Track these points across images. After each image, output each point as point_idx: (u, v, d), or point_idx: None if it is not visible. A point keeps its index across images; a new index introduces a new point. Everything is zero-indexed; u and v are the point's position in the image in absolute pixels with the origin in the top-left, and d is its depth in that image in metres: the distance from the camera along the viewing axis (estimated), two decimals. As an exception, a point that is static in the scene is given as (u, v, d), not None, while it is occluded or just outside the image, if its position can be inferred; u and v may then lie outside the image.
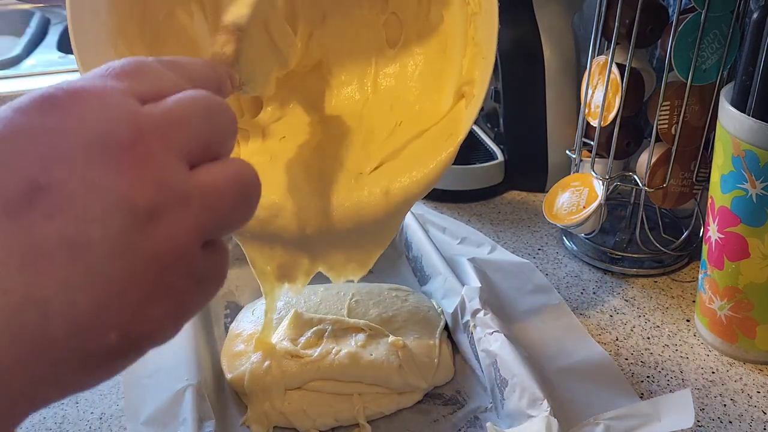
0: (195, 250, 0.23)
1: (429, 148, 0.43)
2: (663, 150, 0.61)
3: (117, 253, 0.21)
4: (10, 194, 0.20)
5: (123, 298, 0.21)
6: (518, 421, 0.44)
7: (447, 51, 0.47)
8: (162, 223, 0.22)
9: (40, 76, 1.20)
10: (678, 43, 0.55)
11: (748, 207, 0.49)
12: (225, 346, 0.53)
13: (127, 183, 0.21)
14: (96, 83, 0.23)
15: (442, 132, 0.44)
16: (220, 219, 0.24)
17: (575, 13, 0.73)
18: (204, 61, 0.29)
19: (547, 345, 0.53)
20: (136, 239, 0.21)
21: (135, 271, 0.21)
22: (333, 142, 0.46)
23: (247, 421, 0.48)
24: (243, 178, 0.25)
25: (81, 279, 0.20)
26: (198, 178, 0.24)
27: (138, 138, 0.22)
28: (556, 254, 0.68)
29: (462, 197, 0.76)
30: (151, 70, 0.25)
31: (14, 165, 0.21)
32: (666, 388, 0.52)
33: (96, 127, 0.22)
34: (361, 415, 0.48)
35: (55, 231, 0.20)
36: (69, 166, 0.21)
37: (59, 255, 0.20)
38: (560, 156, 0.73)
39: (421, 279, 0.62)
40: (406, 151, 0.44)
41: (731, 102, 0.49)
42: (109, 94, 0.23)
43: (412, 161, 0.43)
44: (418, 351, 0.51)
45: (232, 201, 0.24)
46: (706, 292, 0.55)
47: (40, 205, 0.20)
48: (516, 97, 0.74)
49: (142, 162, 0.22)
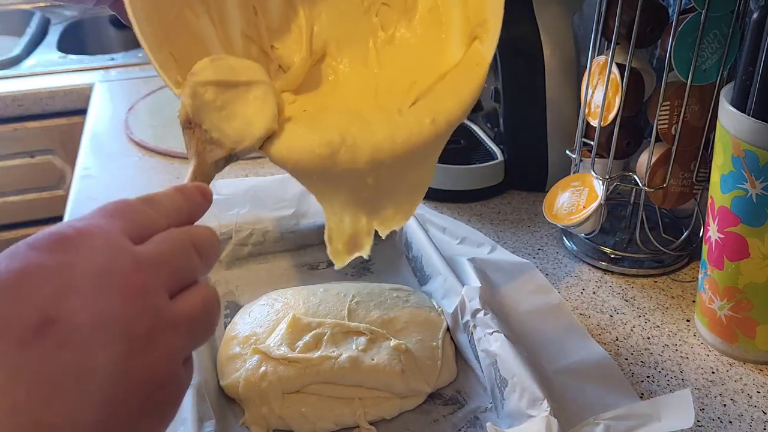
0: (180, 367, 0.27)
1: (458, 81, 0.46)
2: (663, 150, 0.61)
3: (117, 376, 0.24)
4: (24, 326, 0.23)
5: (120, 417, 0.24)
6: (518, 421, 0.44)
7: (444, 16, 0.49)
8: (158, 347, 0.26)
9: (40, 76, 1.20)
10: (678, 43, 0.55)
11: (748, 207, 0.49)
12: (220, 349, 0.53)
13: (130, 311, 0.25)
14: (99, 223, 0.27)
15: (466, 67, 0.46)
16: (198, 338, 0.29)
17: (575, 13, 0.73)
18: (176, 191, 0.33)
19: (547, 345, 0.53)
20: (133, 363, 0.25)
21: (131, 390, 0.24)
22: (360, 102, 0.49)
23: (246, 422, 0.48)
24: (210, 300, 0.30)
25: (85, 401, 0.23)
26: (181, 307, 0.28)
27: (137, 272, 0.26)
28: (556, 254, 0.68)
29: (462, 197, 0.76)
30: (136, 211, 0.29)
31: (28, 299, 0.24)
32: (666, 388, 0.52)
33: (102, 261, 0.25)
34: (363, 419, 0.48)
35: (64, 360, 0.23)
36: (78, 298, 0.24)
37: (66, 381, 0.23)
38: (560, 156, 0.73)
39: (421, 279, 0.62)
40: (436, 89, 0.46)
41: (731, 102, 0.49)
42: (111, 234, 0.27)
43: (446, 93, 0.45)
44: (421, 354, 0.51)
45: (206, 321, 0.29)
46: (706, 292, 0.55)
47: (51, 336, 0.23)
48: (516, 97, 0.74)
49: (142, 292, 0.26)
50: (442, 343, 0.52)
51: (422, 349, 0.51)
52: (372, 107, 0.48)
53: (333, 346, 0.50)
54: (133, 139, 0.92)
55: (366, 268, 0.66)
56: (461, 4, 0.48)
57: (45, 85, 1.16)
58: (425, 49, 0.50)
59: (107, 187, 0.81)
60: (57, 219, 0.99)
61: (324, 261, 0.66)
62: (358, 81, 0.50)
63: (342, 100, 0.49)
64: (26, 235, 0.25)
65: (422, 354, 0.51)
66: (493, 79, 0.76)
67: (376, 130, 0.43)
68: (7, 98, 1.14)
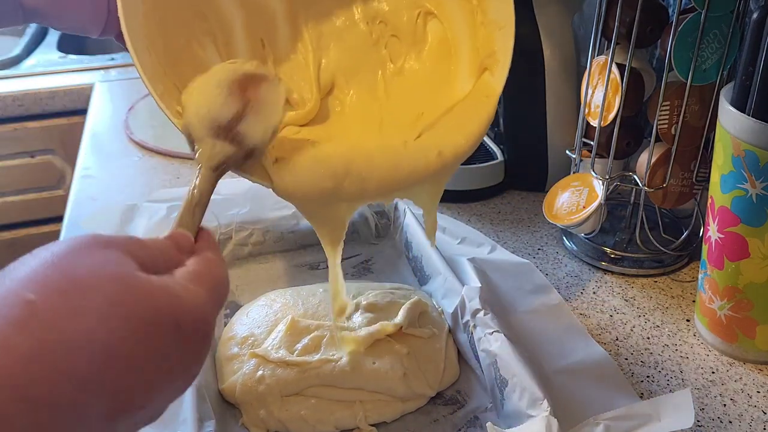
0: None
1: (466, 113, 0.45)
2: (663, 150, 0.61)
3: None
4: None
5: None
6: (518, 421, 0.44)
7: (453, 49, 0.48)
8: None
9: (40, 76, 1.20)
10: (678, 43, 0.55)
11: (748, 207, 0.49)
12: (218, 349, 0.53)
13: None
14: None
15: (475, 99, 0.46)
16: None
17: (575, 13, 0.73)
18: (165, 242, 0.32)
19: (547, 345, 0.53)
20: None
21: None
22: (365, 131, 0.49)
23: (245, 423, 0.48)
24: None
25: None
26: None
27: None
28: (556, 254, 0.68)
29: (462, 197, 0.76)
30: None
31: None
32: (666, 387, 0.52)
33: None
34: (363, 422, 0.48)
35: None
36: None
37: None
38: (560, 156, 0.73)
39: (421, 279, 0.62)
40: (443, 121, 0.46)
41: (731, 102, 0.49)
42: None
43: (454, 126, 0.45)
44: (423, 357, 0.50)
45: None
46: (706, 292, 0.55)
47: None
48: (516, 97, 0.74)
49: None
50: (446, 345, 0.52)
51: (425, 351, 0.51)
52: (376, 138, 0.47)
53: (333, 348, 0.50)
54: (133, 139, 0.92)
55: (366, 267, 0.66)
56: (471, 36, 0.47)
57: (45, 85, 1.16)
58: (434, 81, 0.49)
59: (107, 187, 0.81)
60: (57, 219, 0.99)
61: (324, 261, 0.66)
62: (364, 111, 0.49)
63: (347, 130, 0.48)
64: (26, 236, 0.25)
65: (425, 357, 0.50)
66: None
67: (379, 164, 0.42)
68: (7, 98, 1.14)
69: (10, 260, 0.25)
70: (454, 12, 0.48)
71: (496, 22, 0.45)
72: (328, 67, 0.49)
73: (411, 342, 0.51)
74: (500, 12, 0.45)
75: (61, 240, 0.27)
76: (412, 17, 0.49)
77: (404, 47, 0.50)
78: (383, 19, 0.50)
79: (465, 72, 0.47)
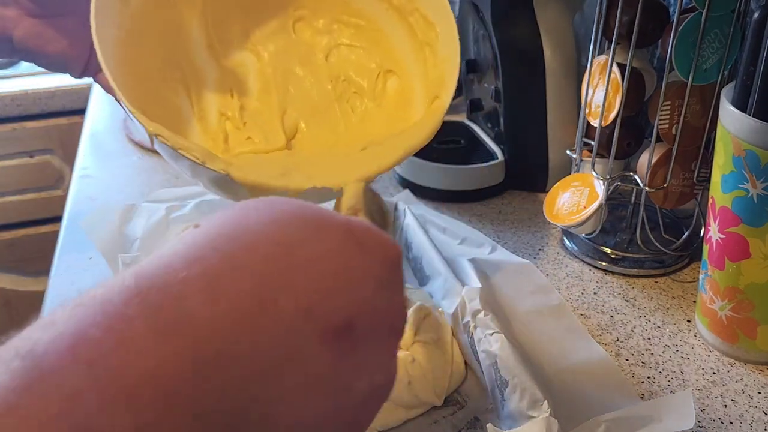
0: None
1: (412, 128, 0.47)
2: (664, 150, 0.61)
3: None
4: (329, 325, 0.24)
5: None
6: (519, 422, 0.44)
7: (410, 96, 0.52)
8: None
9: (39, 76, 1.20)
10: (679, 42, 0.55)
11: (749, 207, 0.49)
12: None
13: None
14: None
15: (424, 118, 0.48)
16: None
17: (576, 12, 0.73)
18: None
19: (547, 345, 0.53)
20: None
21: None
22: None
23: None
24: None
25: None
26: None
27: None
28: (556, 254, 0.68)
29: (462, 197, 0.76)
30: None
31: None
32: (667, 388, 0.52)
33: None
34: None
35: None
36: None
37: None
38: (560, 156, 0.73)
39: (421, 279, 0.62)
40: (389, 139, 0.47)
41: (732, 102, 0.49)
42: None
43: (398, 140, 0.47)
44: (429, 364, 0.49)
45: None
46: (706, 293, 0.55)
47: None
48: (516, 97, 0.74)
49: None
50: (452, 349, 0.52)
51: (431, 358, 0.50)
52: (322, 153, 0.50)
53: None
54: (133, 139, 0.92)
55: (366, 268, 0.66)
56: (424, 79, 0.50)
57: (44, 85, 1.16)
58: (394, 120, 0.52)
59: (106, 187, 0.81)
60: (56, 219, 0.99)
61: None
62: (322, 142, 0.52)
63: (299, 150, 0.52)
64: (25, 236, 0.25)
65: (431, 363, 0.49)
66: (494, 79, 0.76)
67: (316, 161, 0.45)
68: (6, 98, 1.14)
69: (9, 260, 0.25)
70: (410, 65, 0.52)
71: (446, 58, 0.48)
72: (292, 116, 0.52)
73: (415, 349, 0.50)
74: (447, 48, 0.48)
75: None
76: (373, 77, 0.53)
77: (365, 100, 0.53)
78: (346, 78, 0.53)
79: (420, 106, 0.50)
